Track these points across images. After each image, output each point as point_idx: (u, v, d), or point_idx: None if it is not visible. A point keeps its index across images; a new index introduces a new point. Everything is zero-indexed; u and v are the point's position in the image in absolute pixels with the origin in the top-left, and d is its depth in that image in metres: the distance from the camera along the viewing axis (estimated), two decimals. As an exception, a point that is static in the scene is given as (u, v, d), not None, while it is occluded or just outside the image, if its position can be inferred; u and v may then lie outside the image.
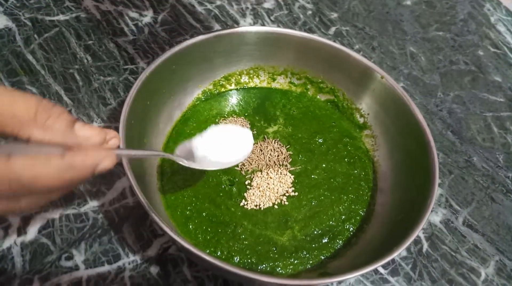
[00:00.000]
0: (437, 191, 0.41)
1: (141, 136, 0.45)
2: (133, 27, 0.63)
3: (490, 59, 0.71)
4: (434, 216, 0.51)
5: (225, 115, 0.53)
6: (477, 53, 0.72)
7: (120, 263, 0.43)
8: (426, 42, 0.72)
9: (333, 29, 0.70)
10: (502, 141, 0.60)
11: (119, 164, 0.44)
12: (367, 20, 0.73)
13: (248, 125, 0.52)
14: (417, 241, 0.49)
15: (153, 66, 0.45)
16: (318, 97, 0.56)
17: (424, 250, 0.48)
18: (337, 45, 0.51)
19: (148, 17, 0.65)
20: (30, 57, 0.57)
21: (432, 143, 0.43)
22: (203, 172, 0.47)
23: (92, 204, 0.46)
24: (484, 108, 0.64)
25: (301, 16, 0.71)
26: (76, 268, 0.42)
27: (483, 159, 0.58)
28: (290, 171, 0.49)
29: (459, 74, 0.68)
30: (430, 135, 0.44)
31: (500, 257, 0.49)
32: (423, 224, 0.39)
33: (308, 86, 0.56)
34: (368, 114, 0.53)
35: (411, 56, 0.69)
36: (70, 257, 0.42)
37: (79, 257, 0.42)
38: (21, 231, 0.43)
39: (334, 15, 0.72)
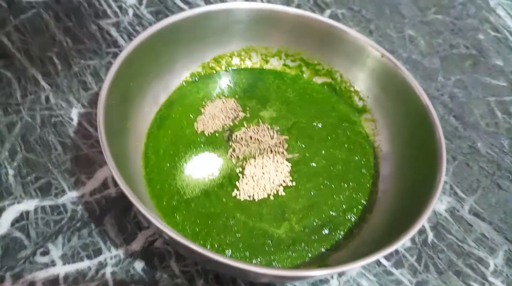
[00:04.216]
0: (444, 174, 0.38)
1: (123, 119, 0.41)
2: (117, 9, 0.59)
3: (491, 43, 0.69)
4: (439, 204, 0.48)
5: (213, 98, 0.49)
6: (478, 37, 0.69)
7: (101, 258, 0.39)
8: (425, 25, 0.69)
9: (328, 11, 0.67)
10: (507, 126, 0.58)
11: (100, 151, 0.40)
12: (364, 3, 0.70)
13: (240, 108, 0.48)
14: (422, 231, 0.46)
15: (135, 43, 0.41)
16: (314, 80, 0.52)
17: (429, 240, 0.45)
18: (333, 22, 0.48)
19: (132, -2, 0.61)
20: (5, 39, 0.53)
21: (438, 123, 0.40)
22: (190, 159, 0.44)
23: (71, 194, 0.42)
24: (486, 92, 0.61)
25: (295, -2, 0.67)
26: (53, 264, 0.38)
27: (487, 144, 0.55)
28: (287, 159, 0.46)
29: (459, 58, 0.65)
30: (435, 115, 0.41)
31: (509, 246, 0.46)
32: (429, 212, 0.36)
33: (304, 69, 0.52)
34: (367, 96, 0.49)
35: (410, 40, 0.66)
36: (46, 252, 0.39)
37: (55, 252, 0.39)
38: (-8, 224, 0.39)
39: (329, -2, 0.69)
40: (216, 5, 0.46)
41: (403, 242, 0.34)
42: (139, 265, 0.39)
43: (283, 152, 0.46)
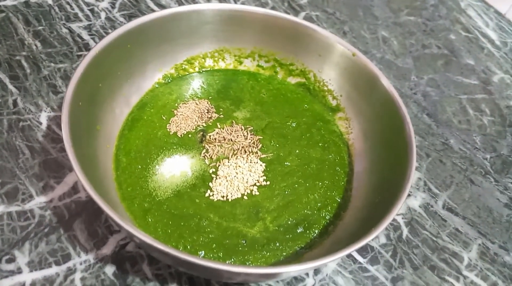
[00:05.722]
0: (415, 170, 0.38)
1: (92, 122, 0.41)
2: (89, 12, 0.58)
3: (462, 43, 0.70)
4: (413, 200, 0.49)
5: (186, 99, 0.49)
6: (449, 37, 0.71)
7: (70, 263, 0.38)
8: (398, 26, 0.70)
9: (302, 14, 0.67)
10: (478, 123, 0.59)
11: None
12: (337, 5, 0.70)
13: (213, 109, 0.48)
14: (397, 227, 0.46)
15: (103, 43, 0.41)
16: (288, 80, 0.53)
17: (404, 236, 0.45)
18: (303, 21, 0.48)
19: (105, 2, 0.60)
20: (-29, 44, 0.52)
21: (408, 119, 0.41)
22: (162, 161, 0.43)
23: (39, 199, 0.41)
24: (458, 91, 0.62)
25: (269, 1, 0.68)
26: (19, 271, 0.37)
27: (460, 141, 0.56)
28: (261, 159, 0.45)
29: (432, 57, 0.67)
30: (405, 111, 0.41)
31: (482, 240, 0.47)
32: (400, 204, 0.36)
33: (277, 69, 0.52)
34: (340, 95, 0.50)
35: (383, 40, 0.67)
36: (11, 260, 0.37)
37: (22, 259, 0.37)
38: (-46, 232, 0.38)
39: (304, 0, 0.69)
40: (185, 6, 0.46)
41: (376, 235, 0.34)
42: (110, 270, 0.38)
43: (257, 152, 0.46)
